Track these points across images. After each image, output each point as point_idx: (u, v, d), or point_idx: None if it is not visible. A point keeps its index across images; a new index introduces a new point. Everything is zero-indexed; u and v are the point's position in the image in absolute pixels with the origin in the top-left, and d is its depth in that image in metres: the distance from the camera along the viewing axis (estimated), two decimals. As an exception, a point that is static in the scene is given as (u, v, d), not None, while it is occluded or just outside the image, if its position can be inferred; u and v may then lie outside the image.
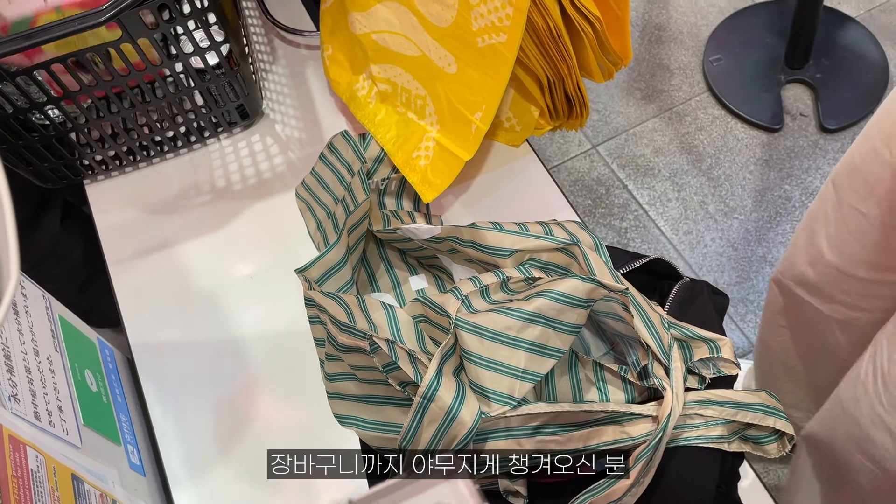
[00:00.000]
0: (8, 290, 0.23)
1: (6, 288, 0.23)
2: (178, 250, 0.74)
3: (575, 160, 1.61)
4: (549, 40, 0.66)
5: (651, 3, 1.81)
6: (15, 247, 0.23)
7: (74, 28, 0.58)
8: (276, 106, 0.84)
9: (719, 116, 1.62)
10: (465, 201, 0.76)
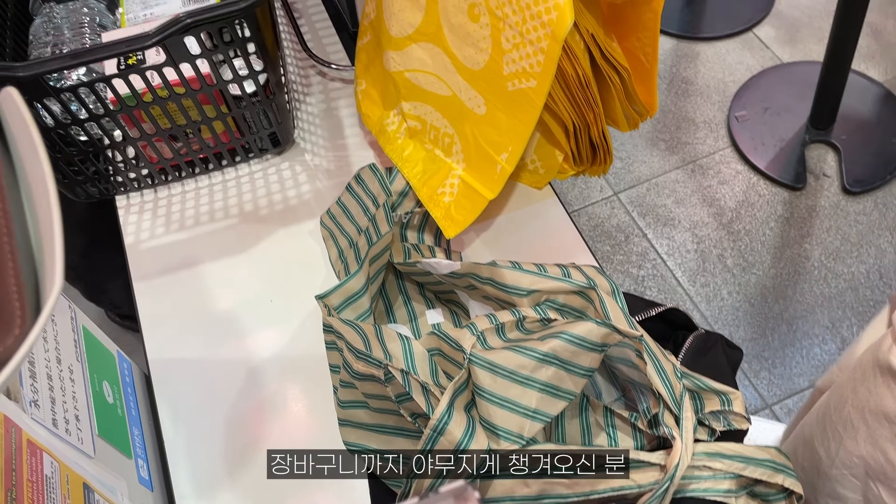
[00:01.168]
0: (51, 296, 0.24)
1: (49, 294, 0.24)
2: (201, 270, 0.76)
3: (596, 206, 1.62)
4: (578, 88, 0.67)
5: (679, 57, 1.83)
6: (60, 253, 0.24)
7: (122, 50, 0.61)
8: (307, 135, 0.86)
9: (742, 172, 1.63)
10: (485, 239, 0.77)
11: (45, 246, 0.25)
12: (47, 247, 0.25)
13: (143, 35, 0.61)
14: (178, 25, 0.61)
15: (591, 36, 0.66)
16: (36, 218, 0.26)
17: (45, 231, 0.25)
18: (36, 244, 0.26)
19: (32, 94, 0.63)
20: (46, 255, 0.25)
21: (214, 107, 0.74)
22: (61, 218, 0.25)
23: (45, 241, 0.25)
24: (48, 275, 0.24)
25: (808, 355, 1.39)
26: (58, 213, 0.25)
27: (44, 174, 0.25)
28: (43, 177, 0.25)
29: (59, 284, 0.24)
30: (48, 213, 0.25)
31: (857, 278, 1.46)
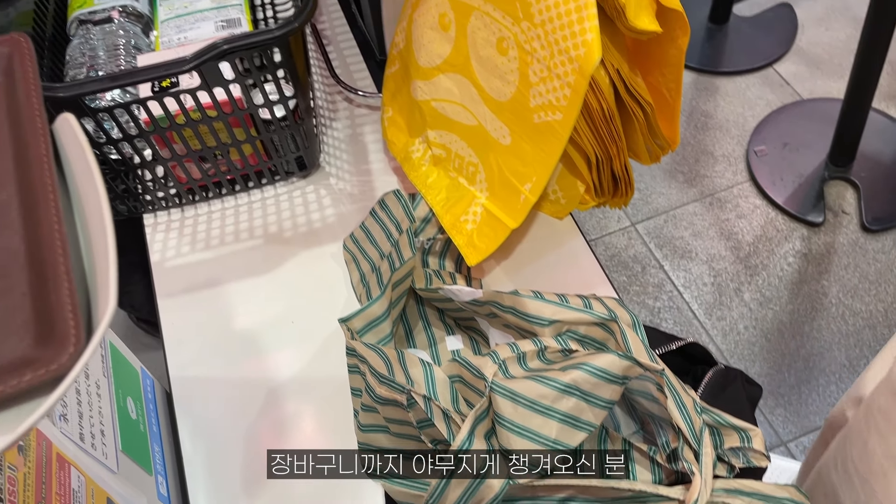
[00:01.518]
0: (106, 316, 0.25)
1: (103, 314, 0.24)
2: (225, 290, 0.77)
3: (613, 236, 1.62)
4: (602, 121, 0.68)
5: (700, 90, 1.85)
6: (114, 275, 0.25)
7: (160, 73, 0.62)
8: (333, 160, 0.88)
9: (760, 206, 1.63)
10: (506, 267, 0.78)
11: (98, 267, 0.26)
12: (101, 269, 0.26)
13: (181, 60, 0.63)
14: (215, 52, 0.62)
15: (616, 71, 0.67)
16: (89, 240, 0.27)
17: (100, 253, 0.26)
18: (88, 265, 0.27)
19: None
20: (100, 276, 0.26)
21: (244, 130, 0.75)
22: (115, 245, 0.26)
23: (100, 263, 0.26)
24: (101, 295, 0.25)
25: (824, 393, 1.38)
26: (112, 236, 0.26)
27: (99, 198, 0.27)
28: (98, 201, 0.26)
29: (112, 305, 0.25)
30: (103, 237, 0.26)
31: (874, 317, 1.46)
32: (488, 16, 0.64)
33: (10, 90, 0.31)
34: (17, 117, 0.30)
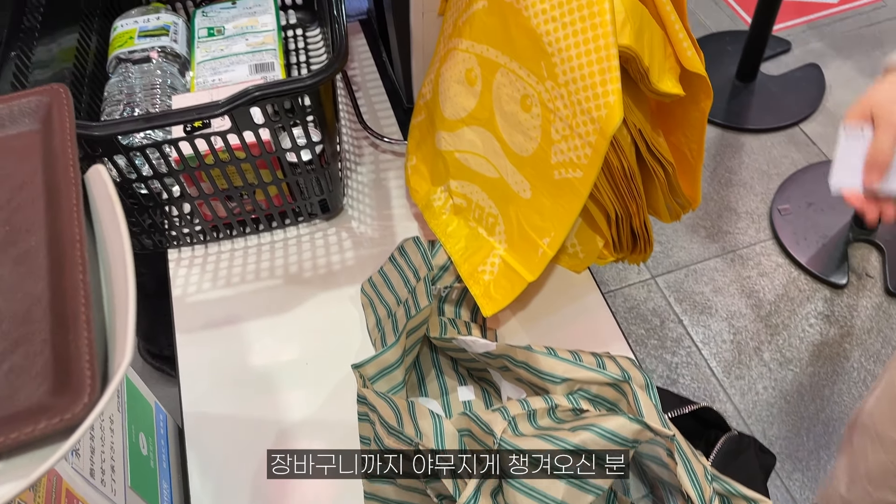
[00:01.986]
0: (121, 369, 0.25)
1: (118, 366, 0.25)
2: (242, 328, 0.78)
3: (632, 288, 1.62)
4: (622, 179, 0.69)
5: (724, 146, 1.85)
6: (132, 328, 0.26)
7: (193, 117, 0.64)
8: (356, 203, 0.89)
9: (783, 265, 1.61)
10: (521, 318, 0.78)
11: (118, 317, 0.27)
12: (120, 319, 0.27)
13: (214, 104, 0.64)
14: (247, 98, 0.64)
15: (638, 131, 0.68)
16: (111, 289, 0.28)
17: (120, 304, 0.27)
18: (109, 313, 0.28)
19: (104, 151, 0.67)
20: (119, 326, 0.27)
21: (271, 171, 0.77)
22: (136, 294, 0.27)
23: (119, 313, 0.27)
24: (119, 346, 0.26)
25: (844, 460, 1.34)
26: (133, 289, 0.27)
27: (123, 250, 0.28)
28: (122, 252, 0.27)
29: (128, 358, 0.26)
30: (125, 289, 0.27)
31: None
32: (513, 73, 0.66)
33: (47, 139, 0.32)
34: (51, 166, 0.31)
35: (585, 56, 0.58)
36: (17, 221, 0.30)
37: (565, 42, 0.59)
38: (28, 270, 0.28)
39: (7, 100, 0.34)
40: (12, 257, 0.29)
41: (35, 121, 0.33)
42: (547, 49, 0.60)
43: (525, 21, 0.61)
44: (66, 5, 0.86)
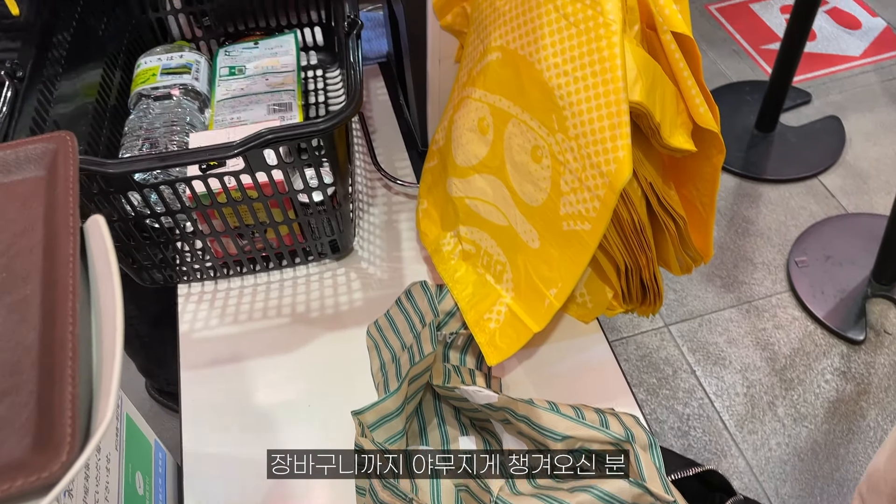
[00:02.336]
0: (100, 430, 0.25)
1: (99, 425, 0.25)
2: (247, 366, 0.77)
3: (645, 335, 1.60)
4: (632, 232, 0.69)
5: (742, 196, 1.84)
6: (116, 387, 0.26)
7: (206, 157, 0.65)
8: (366, 244, 0.89)
9: (799, 318, 1.59)
10: (527, 367, 0.77)
11: (104, 373, 0.27)
12: (105, 376, 0.27)
13: (228, 145, 0.65)
14: (261, 140, 0.65)
15: (649, 184, 0.68)
16: (101, 342, 0.28)
17: (107, 361, 0.27)
18: (97, 367, 0.28)
19: (119, 188, 0.68)
20: (104, 383, 0.27)
21: (282, 211, 0.78)
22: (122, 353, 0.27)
23: (105, 371, 0.27)
24: (102, 404, 0.26)
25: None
26: (120, 348, 0.27)
27: (115, 304, 0.28)
28: (114, 309, 0.27)
29: (110, 415, 0.25)
30: (112, 346, 0.27)
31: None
32: (525, 124, 0.66)
33: (50, 186, 0.32)
34: (52, 214, 0.31)
35: (596, 111, 0.58)
36: (15, 268, 0.30)
37: (577, 96, 0.59)
38: (21, 319, 0.28)
39: (15, 146, 0.34)
40: (7, 305, 0.29)
41: (40, 167, 0.34)
42: (558, 102, 0.61)
43: (538, 74, 0.62)
44: (92, 41, 0.89)
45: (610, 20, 0.56)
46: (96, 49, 0.89)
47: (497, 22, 0.66)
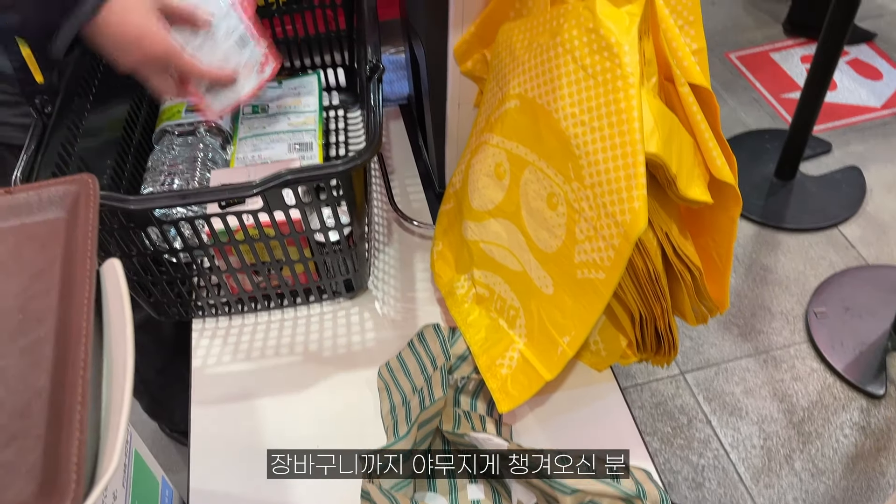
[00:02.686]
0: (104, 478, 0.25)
1: (104, 473, 0.25)
2: (257, 403, 0.77)
3: (661, 382, 1.58)
4: (647, 281, 0.68)
5: (760, 244, 1.83)
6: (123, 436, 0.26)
7: (225, 195, 0.66)
8: (381, 284, 0.89)
9: (818, 370, 1.57)
10: (539, 415, 0.76)
11: (112, 417, 0.27)
12: (114, 420, 0.27)
13: (247, 185, 0.66)
14: (279, 180, 0.66)
15: (664, 234, 0.67)
16: (110, 387, 0.29)
17: (116, 404, 0.27)
18: (105, 412, 0.28)
19: (139, 223, 0.69)
20: (112, 427, 0.27)
21: (298, 250, 0.78)
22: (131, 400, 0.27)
23: (114, 415, 0.27)
24: (108, 449, 0.26)
25: (879, 584, 1.27)
26: (129, 394, 0.27)
27: (126, 348, 0.28)
28: (125, 350, 0.28)
29: (115, 463, 0.26)
30: (121, 390, 0.27)
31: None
32: (541, 171, 0.66)
33: (70, 228, 0.33)
34: (70, 256, 0.32)
35: (612, 161, 0.59)
36: (31, 310, 0.30)
37: (593, 146, 0.60)
38: (33, 362, 0.29)
39: (38, 187, 0.35)
40: (20, 347, 0.29)
41: (61, 209, 0.34)
42: (575, 151, 0.61)
43: (555, 123, 0.62)
44: (120, 77, 0.90)
45: (628, 73, 0.57)
46: (124, 85, 0.91)
47: (516, 70, 0.67)
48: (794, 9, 2.44)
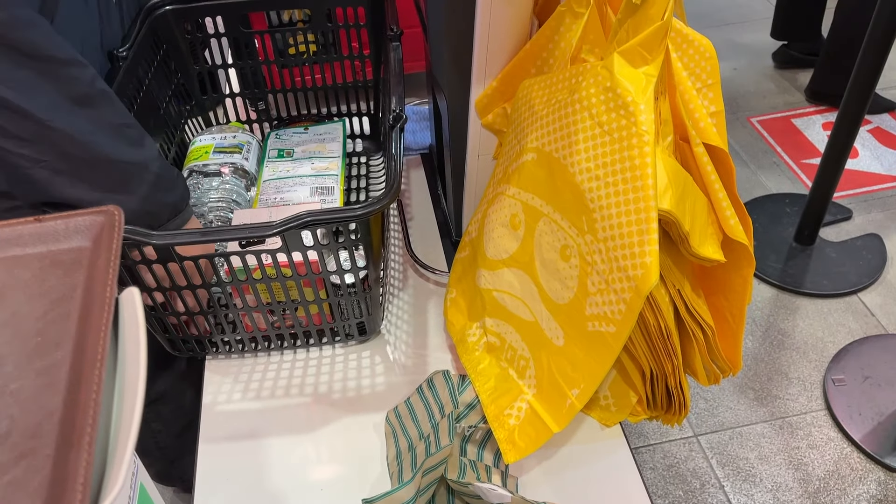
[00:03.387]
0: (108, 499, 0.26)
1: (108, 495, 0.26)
2: (264, 443, 0.77)
3: (673, 444, 1.55)
4: (658, 337, 0.68)
5: (778, 308, 1.81)
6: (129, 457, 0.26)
7: (246, 235, 0.67)
8: (393, 329, 0.90)
9: (834, 439, 1.53)
10: (546, 468, 0.76)
11: (119, 441, 0.28)
12: (121, 443, 0.28)
13: (268, 224, 0.68)
14: (299, 222, 0.67)
15: (677, 291, 0.68)
16: (120, 412, 0.29)
17: (124, 429, 0.28)
18: (113, 435, 0.29)
19: (161, 258, 0.70)
20: (119, 451, 0.27)
21: (314, 291, 0.79)
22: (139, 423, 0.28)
23: (122, 438, 0.28)
24: (114, 471, 0.27)
25: None
26: (138, 418, 0.28)
27: (138, 375, 0.29)
28: (137, 376, 0.29)
29: (118, 489, 0.26)
30: (130, 415, 0.28)
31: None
32: (556, 224, 0.67)
33: (93, 257, 0.34)
34: (91, 284, 0.33)
35: (625, 216, 0.60)
36: (49, 334, 0.31)
37: (607, 200, 0.61)
38: (48, 383, 0.30)
39: (66, 217, 0.37)
40: (36, 369, 0.30)
41: (87, 238, 0.36)
42: (589, 205, 0.62)
43: (570, 177, 0.64)
44: (154, 115, 0.94)
45: (643, 131, 0.58)
46: (156, 123, 0.94)
47: (535, 125, 0.69)
48: (815, 77, 2.47)
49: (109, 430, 0.30)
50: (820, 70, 2.44)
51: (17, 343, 0.31)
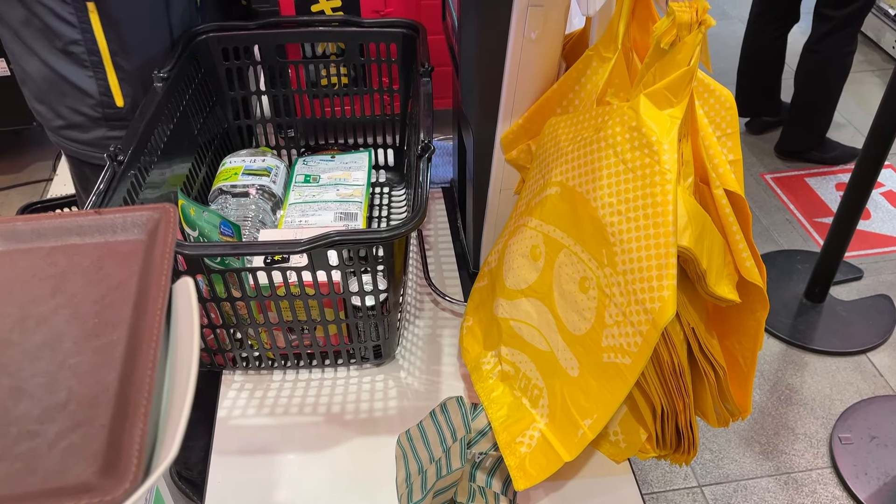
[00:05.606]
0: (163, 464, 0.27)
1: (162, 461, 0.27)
2: (275, 459, 0.78)
3: (677, 493, 1.54)
4: (671, 374, 0.69)
5: (787, 363, 1.81)
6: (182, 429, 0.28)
7: (275, 250, 0.70)
8: (408, 354, 0.91)
9: (840, 498, 1.52)
10: (553, 500, 0.76)
11: (172, 415, 0.30)
12: (174, 417, 0.29)
13: (296, 241, 0.70)
14: (326, 240, 0.69)
15: (691, 329, 0.69)
16: (172, 390, 0.31)
17: (177, 404, 0.29)
18: (165, 409, 0.31)
19: (190, 270, 0.72)
20: (171, 423, 0.29)
21: (334, 311, 0.81)
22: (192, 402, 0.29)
23: (173, 414, 0.29)
24: (166, 443, 0.28)
25: None
26: (192, 393, 0.29)
27: (191, 357, 0.30)
28: (190, 359, 0.30)
29: (173, 455, 0.28)
30: (184, 391, 0.29)
31: None
32: (576, 255, 0.69)
33: (149, 249, 0.36)
34: (147, 272, 0.35)
35: (645, 250, 0.61)
36: (106, 316, 0.33)
37: (627, 234, 0.63)
38: (104, 360, 0.31)
39: (124, 211, 0.39)
40: (94, 347, 0.32)
41: (143, 232, 0.38)
42: (610, 238, 0.64)
43: (593, 211, 0.66)
44: (188, 137, 0.97)
45: (665, 169, 0.60)
46: (190, 144, 0.97)
47: (560, 160, 0.71)
48: (783, 137, 2.57)
49: (160, 407, 0.31)
50: (787, 131, 2.54)
51: (77, 323, 0.33)
